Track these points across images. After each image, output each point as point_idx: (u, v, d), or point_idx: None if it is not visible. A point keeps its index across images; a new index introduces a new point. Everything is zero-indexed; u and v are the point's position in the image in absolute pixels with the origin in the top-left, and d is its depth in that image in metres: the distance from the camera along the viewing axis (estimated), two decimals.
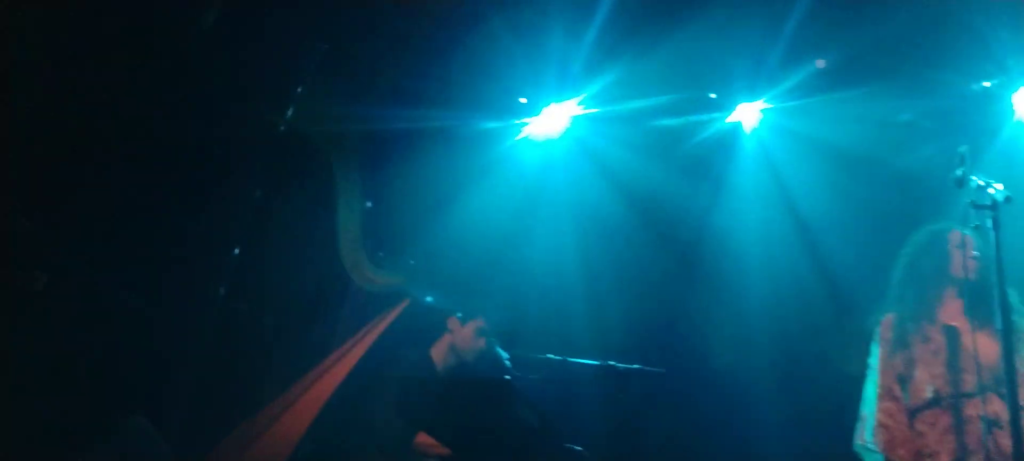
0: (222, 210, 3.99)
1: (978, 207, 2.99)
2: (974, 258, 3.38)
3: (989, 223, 2.95)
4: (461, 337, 4.18)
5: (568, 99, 5.20)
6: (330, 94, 4.05)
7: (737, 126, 5.39)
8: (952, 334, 3.35)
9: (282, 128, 3.99)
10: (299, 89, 3.94)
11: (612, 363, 4.02)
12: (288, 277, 4.01)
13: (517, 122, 5.42)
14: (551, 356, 4.19)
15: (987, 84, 4.71)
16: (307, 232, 4.04)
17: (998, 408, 3.15)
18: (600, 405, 4.26)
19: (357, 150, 4.09)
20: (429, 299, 4.19)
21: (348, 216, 3.99)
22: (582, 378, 4.30)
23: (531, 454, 3.73)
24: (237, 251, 3.79)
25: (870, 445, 3.34)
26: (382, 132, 4.46)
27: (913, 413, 3.32)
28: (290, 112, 4.03)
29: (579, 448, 3.85)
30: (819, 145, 5.18)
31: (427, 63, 4.62)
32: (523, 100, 5.25)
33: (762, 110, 5.23)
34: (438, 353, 4.18)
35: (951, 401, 3.24)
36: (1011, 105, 4.78)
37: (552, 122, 5.40)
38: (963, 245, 3.44)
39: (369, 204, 4.08)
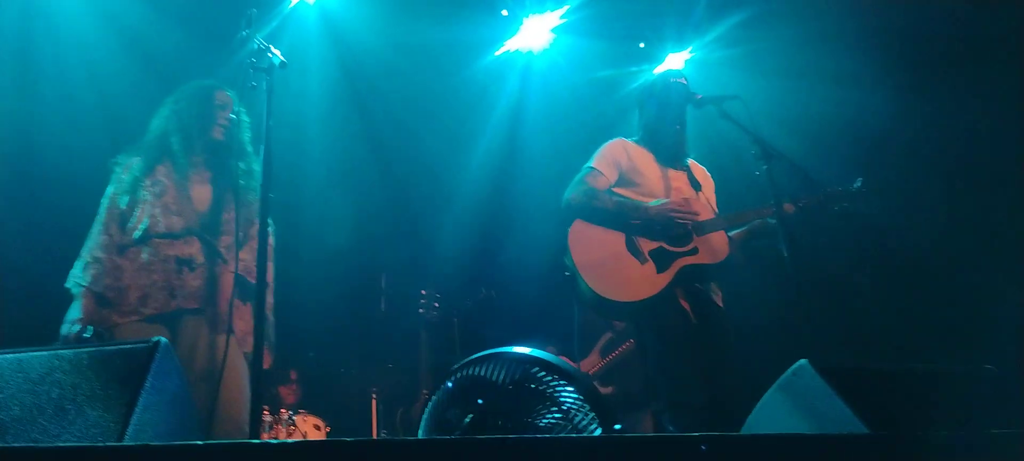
0: None
1: (256, 69, 3.09)
2: (230, 119, 3.61)
3: (264, 85, 3.08)
4: None
5: None
6: None
7: None
8: (179, 180, 3.51)
9: None
10: None
11: None
12: None
13: None
14: None
15: None
16: None
17: (195, 251, 3.40)
18: None
19: None
20: None
21: None
22: None
23: None
24: None
25: (78, 279, 3.34)
26: None
27: (122, 249, 3.41)
28: None
29: None
30: None
31: None
32: None
33: None
34: None
35: (156, 240, 3.38)
36: None
37: None
38: (224, 105, 3.65)
39: None
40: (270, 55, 3.11)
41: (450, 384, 2.32)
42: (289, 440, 5.10)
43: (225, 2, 4.69)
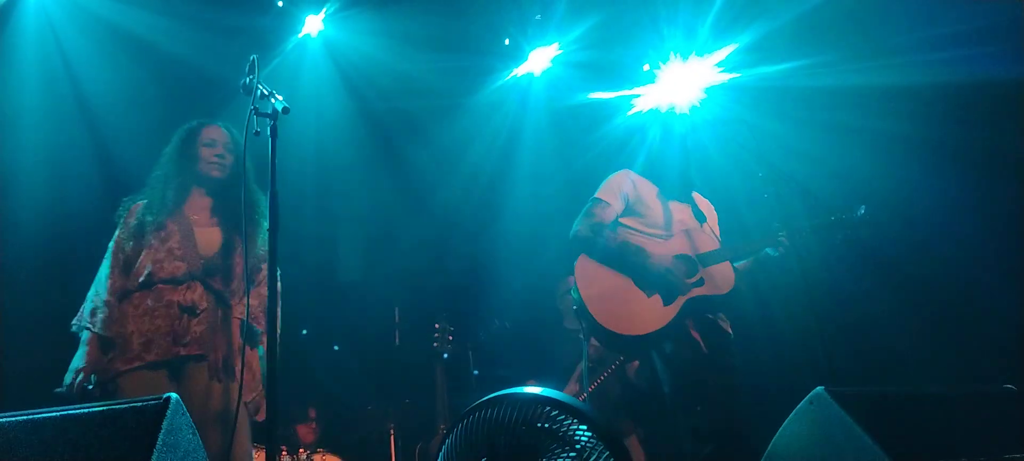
0: None
1: (260, 114, 3.09)
2: (221, 155, 3.60)
3: (268, 131, 3.08)
4: None
5: None
6: None
7: None
8: (185, 225, 3.49)
9: None
10: None
11: None
12: None
13: None
14: None
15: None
16: None
17: (197, 296, 3.36)
18: None
19: None
20: None
21: None
22: None
23: None
24: None
25: (85, 323, 3.37)
26: None
27: (126, 295, 3.40)
28: None
29: None
30: None
31: None
32: None
33: None
34: None
35: (160, 286, 3.36)
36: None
37: None
38: (213, 142, 3.62)
39: None
40: (273, 101, 3.10)
41: (462, 428, 2.30)
42: None
43: (234, 44, 4.75)
